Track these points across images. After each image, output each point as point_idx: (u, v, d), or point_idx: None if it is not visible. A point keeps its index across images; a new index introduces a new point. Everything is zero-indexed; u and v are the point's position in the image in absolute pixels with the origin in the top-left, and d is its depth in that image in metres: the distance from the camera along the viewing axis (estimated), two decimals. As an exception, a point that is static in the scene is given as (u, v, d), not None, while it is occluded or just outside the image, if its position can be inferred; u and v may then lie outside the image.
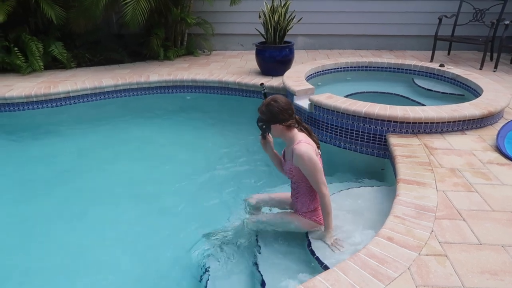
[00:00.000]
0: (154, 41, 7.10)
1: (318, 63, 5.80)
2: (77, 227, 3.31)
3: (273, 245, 2.76)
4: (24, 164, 4.45)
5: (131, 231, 3.24)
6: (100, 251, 3.01)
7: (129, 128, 5.27)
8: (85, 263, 2.89)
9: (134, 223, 3.33)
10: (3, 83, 5.93)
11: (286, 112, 2.35)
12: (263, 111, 2.34)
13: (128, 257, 2.95)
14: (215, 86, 5.88)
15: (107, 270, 2.81)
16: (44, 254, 3.00)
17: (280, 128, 2.38)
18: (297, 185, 2.56)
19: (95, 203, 3.64)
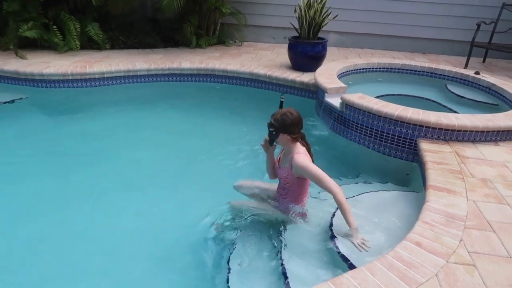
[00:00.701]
0: (187, 28, 7.18)
1: (350, 62, 5.77)
2: (97, 205, 3.40)
3: (298, 238, 2.80)
4: (54, 139, 4.58)
5: (150, 213, 3.32)
6: (116, 232, 3.08)
7: (158, 113, 5.37)
8: (99, 243, 2.97)
9: (153, 206, 3.40)
10: (41, 59, 6.12)
11: (297, 126, 2.55)
12: (277, 119, 2.50)
13: (146, 238, 3.03)
14: (246, 77, 5.93)
15: (121, 254, 2.88)
16: (61, 228, 3.10)
17: (287, 138, 2.56)
18: (287, 191, 2.74)
19: (117, 183, 3.74)
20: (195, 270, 2.75)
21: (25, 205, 3.35)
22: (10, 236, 2.98)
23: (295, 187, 2.68)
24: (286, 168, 2.62)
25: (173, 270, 2.75)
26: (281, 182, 2.77)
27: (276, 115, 2.52)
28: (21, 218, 3.18)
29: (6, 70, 5.60)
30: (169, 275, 2.70)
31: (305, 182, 2.70)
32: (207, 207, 3.15)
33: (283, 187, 2.76)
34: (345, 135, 4.22)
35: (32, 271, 2.67)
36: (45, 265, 2.72)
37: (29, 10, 6.43)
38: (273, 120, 2.52)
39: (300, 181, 2.66)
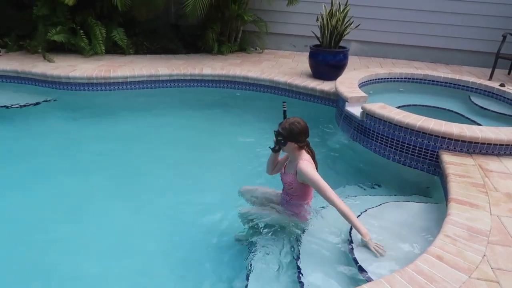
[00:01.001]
0: (209, 35, 7.28)
1: (372, 71, 5.74)
2: (117, 206, 3.47)
3: (316, 247, 2.79)
4: (78, 141, 4.68)
5: (168, 215, 3.37)
6: (134, 232, 3.15)
7: (179, 117, 5.43)
8: (118, 243, 3.03)
9: (172, 208, 3.45)
10: (67, 62, 6.29)
11: (304, 135, 2.63)
12: (286, 128, 2.57)
13: (163, 240, 3.08)
14: (266, 84, 5.97)
15: (139, 254, 2.93)
16: (82, 227, 3.17)
17: (294, 146, 2.63)
18: (291, 196, 2.81)
19: (138, 185, 3.81)
20: (210, 276, 2.76)
21: (48, 204, 3.44)
22: (34, 233, 3.06)
23: (299, 192, 2.75)
24: (291, 174, 2.70)
25: (190, 274, 2.78)
26: (285, 188, 2.83)
27: (284, 124, 2.60)
28: (43, 216, 3.26)
29: (34, 72, 5.78)
30: (186, 279, 2.73)
31: (309, 189, 2.75)
32: (226, 212, 3.18)
33: (287, 192, 2.82)
34: (365, 144, 4.20)
35: (53, 269, 2.73)
36: (66, 264, 2.78)
37: (58, 15, 6.64)
38: (281, 129, 2.59)
39: (304, 187, 2.71)
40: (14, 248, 2.90)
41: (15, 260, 2.79)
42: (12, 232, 3.06)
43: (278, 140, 2.62)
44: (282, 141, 2.60)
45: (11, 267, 2.72)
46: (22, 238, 3.01)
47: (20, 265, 2.74)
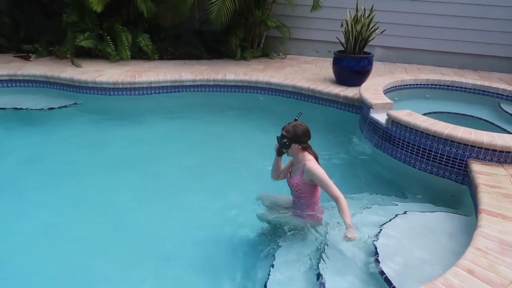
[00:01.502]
0: (233, 40, 7.32)
1: (397, 77, 5.64)
2: (143, 207, 3.53)
3: (339, 256, 2.75)
4: (103, 144, 4.78)
5: (190, 216, 3.42)
6: (160, 233, 3.20)
7: (202, 122, 5.48)
8: (145, 243, 3.07)
9: (195, 209, 3.50)
10: (95, 68, 6.44)
11: (307, 136, 2.76)
12: (289, 130, 2.70)
13: (187, 240, 3.12)
14: (289, 90, 5.95)
15: (164, 254, 2.97)
16: (107, 227, 3.24)
17: (297, 148, 2.75)
18: (299, 198, 2.89)
19: (162, 187, 3.86)
20: (232, 279, 2.76)
21: (73, 205, 3.51)
22: (60, 232, 3.13)
23: (307, 192, 2.83)
24: (297, 176, 2.80)
25: (212, 275, 2.79)
26: (292, 190, 2.92)
27: (288, 127, 2.73)
28: (68, 218, 3.34)
29: (63, 77, 5.94)
30: (208, 281, 2.73)
31: (316, 188, 2.83)
32: (248, 215, 3.16)
33: (296, 194, 2.90)
34: (390, 152, 4.11)
35: (82, 269, 2.78)
36: (93, 263, 2.83)
37: (86, 22, 6.81)
38: (284, 132, 2.72)
39: (311, 186, 2.79)
40: (44, 246, 2.98)
41: (45, 260, 2.85)
42: (39, 232, 3.13)
43: (283, 143, 2.74)
44: (287, 143, 2.72)
45: (41, 267, 2.78)
46: (49, 237, 3.09)
47: (50, 264, 2.81)
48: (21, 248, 2.96)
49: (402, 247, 2.69)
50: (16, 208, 3.43)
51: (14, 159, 4.28)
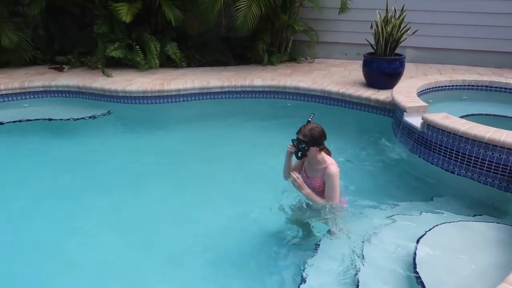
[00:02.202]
0: (259, 45, 7.28)
1: (431, 79, 5.43)
2: (171, 213, 3.56)
3: (377, 263, 2.63)
4: (133, 152, 4.82)
5: (220, 222, 3.41)
6: (188, 238, 3.22)
7: (230, 128, 5.44)
8: (173, 249, 3.08)
9: (224, 215, 3.49)
10: (124, 77, 6.55)
11: (324, 137, 2.76)
12: (307, 134, 2.68)
13: (216, 246, 3.13)
14: (317, 95, 5.84)
15: (191, 258, 3.00)
16: (137, 235, 3.26)
17: (315, 150, 2.73)
18: (321, 195, 2.87)
19: (192, 195, 3.86)
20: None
21: (103, 214, 3.53)
22: (90, 240, 3.15)
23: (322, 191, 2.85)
24: (318, 178, 2.82)
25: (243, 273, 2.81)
26: (313, 190, 2.88)
27: (304, 131, 2.69)
28: (98, 226, 3.37)
29: (94, 87, 6.07)
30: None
31: None
32: (278, 220, 3.15)
33: (316, 193, 2.87)
34: (427, 158, 3.94)
35: (116, 276, 2.78)
36: (128, 270, 2.86)
37: (116, 32, 6.95)
38: (302, 136, 2.69)
39: None
40: (72, 253, 3.03)
41: (74, 265, 2.90)
42: (71, 240, 3.19)
43: (302, 148, 2.72)
44: (306, 147, 2.70)
45: (71, 273, 2.82)
46: (80, 244, 3.13)
47: (79, 270, 2.85)
48: (54, 253, 3.02)
49: (443, 260, 2.54)
50: (46, 216, 3.49)
51: (48, 168, 4.37)
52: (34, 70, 7.10)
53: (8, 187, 3.97)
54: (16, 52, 7.10)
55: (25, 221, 3.42)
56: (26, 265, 2.91)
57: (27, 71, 7.06)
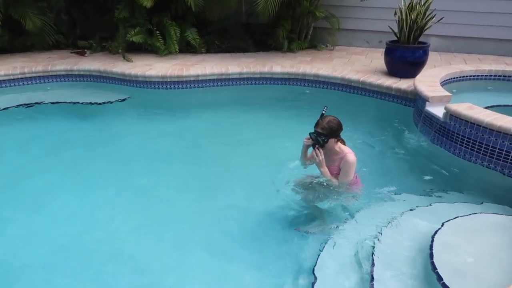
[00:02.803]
0: (280, 32, 7.20)
1: (455, 68, 5.27)
2: (188, 198, 3.57)
3: (391, 256, 2.61)
4: (151, 138, 4.86)
5: (236, 206, 3.43)
6: (209, 222, 3.23)
7: (248, 115, 5.43)
8: (187, 233, 3.10)
9: (242, 200, 3.51)
10: (144, 62, 6.59)
11: (341, 129, 2.87)
12: (325, 127, 2.78)
13: (233, 229, 3.16)
14: (337, 82, 5.76)
15: (211, 236, 3.05)
16: (153, 218, 3.30)
17: (333, 141, 2.85)
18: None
19: (209, 180, 3.87)
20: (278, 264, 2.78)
21: (122, 197, 3.60)
22: (109, 223, 3.21)
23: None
24: (335, 167, 2.95)
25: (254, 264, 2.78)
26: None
27: (322, 124, 2.79)
28: (117, 209, 3.43)
29: (115, 72, 6.13)
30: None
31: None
32: (294, 206, 3.19)
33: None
34: (448, 148, 3.85)
35: (131, 258, 2.83)
36: (143, 252, 2.88)
37: (137, 17, 6.98)
38: (320, 129, 2.79)
39: None
40: (93, 235, 3.08)
41: (91, 247, 2.95)
42: (90, 220, 3.26)
43: (321, 141, 2.81)
44: (325, 140, 2.80)
45: (87, 253, 2.88)
46: (100, 226, 3.19)
47: (96, 252, 2.90)
48: (78, 235, 3.08)
49: (463, 252, 2.49)
50: (68, 196, 3.58)
51: (69, 150, 4.47)
52: (56, 54, 7.22)
53: (30, 166, 4.08)
54: (39, 36, 7.22)
55: (45, 199, 3.51)
56: (45, 241, 3.01)
57: (50, 55, 7.18)
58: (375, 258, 2.58)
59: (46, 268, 2.76)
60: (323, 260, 2.68)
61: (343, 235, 2.92)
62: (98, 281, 2.64)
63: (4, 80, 6.09)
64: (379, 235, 2.81)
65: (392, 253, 2.65)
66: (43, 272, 2.72)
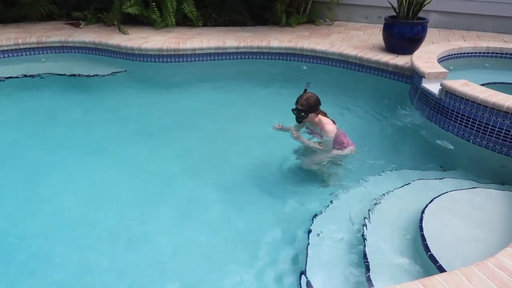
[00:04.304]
0: (278, 6, 7.10)
1: (453, 45, 5.24)
2: (184, 174, 3.57)
3: (381, 233, 2.68)
4: (147, 111, 4.84)
5: (234, 182, 3.45)
6: (203, 197, 3.26)
7: (244, 89, 5.41)
8: (187, 207, 3.14)
9: (239, 176, 3.53)
10: (140, 35, 6.50)
11: (319, 104, 3.14)
12: (304, 103, 3.05)
13: (230, 206, 3.18)
14: (335, 58, 5.72)
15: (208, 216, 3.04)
16: (148, 192, 3.33)
17: (313, 115, 3.14)
18: None
19: (206, 155, 3.88)
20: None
21: (116, 170, 3.63)
22: (107, 195, 3.26)
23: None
24: (318, 132, 3.24)
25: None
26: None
27: (301, 100, 3.05)
28: (114, 178, 3.48)
29: (110, 44, 6.05)
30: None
31: (338, 135, 3.19)
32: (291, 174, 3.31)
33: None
34: (442, 125, 3.88)
35: (126, 230, 2.89)
36: (137, 224, 2.93)
37: (132, -12, 6.83)
38: (300, 106, 3.05)
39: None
40: (91, 207, 3.11)
41: (93, 220, 2.99)
42: (86, 193, 3.29)
43: (301, 116, 3.09)
44: (305, 115, 3.08)
45: (89, 226, 2.93)
46: (97, 197, 3.23)
47: (96, 224, 2.94)
48: (70, 208, 3.11)
49: (450, 225, 2.56)
50: (64, 169, 3.60)
51: (65, 122, 4.47)
52: (51, 26, 7.09)
53: (23, 141, 4.07)
54: (33, 6, 7.07)
55: (40, 173, 3.53)
56: (34, 215, 3.05)
57: (44, 26, 7.05)
58: (368, 227, 2.67)
59: (48, 237, 2.82)
60: (317, 223, 2.81)
61: (338, 204, 3.02)
62: (94, 247, 2.71)
63: (-2, 51, 6.02)
64: (373, 207, 2.89)
65: (384, 224, 2.73)
66: (45, 242, 2.78)
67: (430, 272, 2.22)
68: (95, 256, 2.63)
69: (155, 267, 2.55)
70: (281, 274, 2.48)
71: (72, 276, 2.48)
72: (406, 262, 2.43)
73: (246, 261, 2.61)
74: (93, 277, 2.47)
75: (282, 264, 2.55)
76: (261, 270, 2.51)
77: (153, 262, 2.59)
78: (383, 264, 2.42)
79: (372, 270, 2.34)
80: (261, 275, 2.48)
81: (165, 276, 2.50)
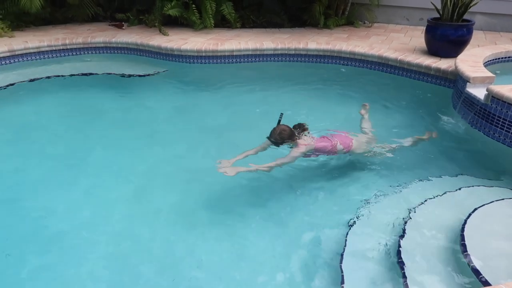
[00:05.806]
0: (316, 8, 7.05)
1: (500, 48, 5.02)
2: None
3: (420, 239, 2.61)
4: (186, 111, 4.95)
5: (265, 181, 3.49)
6: (227, 207, 3.28)
7: (281, 91, 5.41)
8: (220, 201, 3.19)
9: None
10: (180, 36, 6.65)
11: (292, 136, 3.23)
12: (277, 138, 3.19)
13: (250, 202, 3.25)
14: (374, 61, 5.62)
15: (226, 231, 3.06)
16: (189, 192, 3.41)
17: (291, 141, 3.26)
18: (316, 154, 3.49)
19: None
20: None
21: (157, 168, 3.72)
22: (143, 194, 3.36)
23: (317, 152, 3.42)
24: (314, 153, 3.39)
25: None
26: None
27: (274, 135, 3.19)
28: (152, 177, 3.58)
29: (151, 45, 6.23)
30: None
31: (319, 149, 3.36)
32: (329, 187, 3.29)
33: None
34: (488, 132, 3.73)
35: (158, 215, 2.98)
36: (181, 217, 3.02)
37: (173, -10, 7.00)
38: (274, 140, 3.21)
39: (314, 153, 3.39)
40: (128, 204, 3.23)
41: (121, 212, 3.12)
42: (124, 190, 3.41)
43: (278, 145, 3.24)
44: (279, 146, 3.24)
45: (118, 218, 3.05)
46: (133, 196, 3.34)
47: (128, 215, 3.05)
48: (105, 205, 3.24)
49: (496, 237, 2.46)
50: (99, 167, 3.73)
51: (105, 121, 4.65)
52: (95, 27, 7.39)
53: (67, 136, 4.29)
54: (79, 8, 7.41)
55: (79, 167, 3.69)
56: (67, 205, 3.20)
57: (89, 27, 7.36)
58: (405, 235, 2.61)
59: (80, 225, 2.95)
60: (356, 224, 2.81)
61: (375, 211, 2.97)
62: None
63: (47, 51, 6.33)
64: (410, 214, 2.82)
65: (422, 232, 2.66)
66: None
67: (473, 284, 2.15)
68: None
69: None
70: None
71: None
72: (447, 271, 2.35)
73: (284, 267, 2.64)
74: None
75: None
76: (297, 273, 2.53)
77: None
78: (421, 272, 2.36)
79: (409, 278, 2.29)
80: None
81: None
